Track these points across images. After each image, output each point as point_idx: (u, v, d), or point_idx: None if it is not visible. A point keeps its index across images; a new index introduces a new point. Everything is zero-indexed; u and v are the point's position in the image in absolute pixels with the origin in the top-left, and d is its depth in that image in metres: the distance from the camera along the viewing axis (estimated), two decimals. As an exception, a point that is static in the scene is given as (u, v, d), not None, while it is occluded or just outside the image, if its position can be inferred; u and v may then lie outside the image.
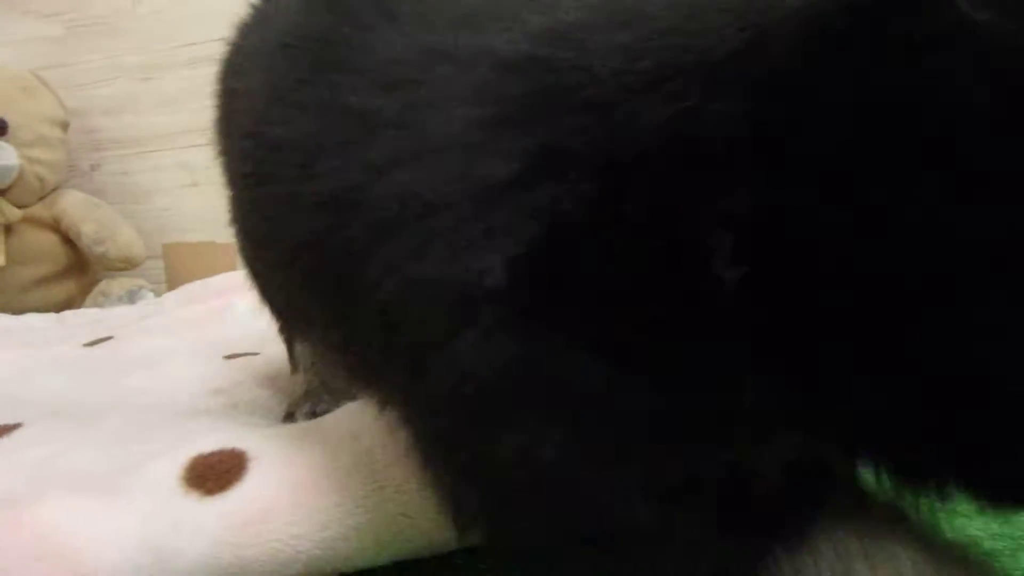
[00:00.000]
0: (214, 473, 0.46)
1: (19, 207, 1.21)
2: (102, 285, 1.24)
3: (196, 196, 1.42)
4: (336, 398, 0.62)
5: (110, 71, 1.42)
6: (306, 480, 0.47)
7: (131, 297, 1.20)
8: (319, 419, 0.60)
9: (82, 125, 1.43)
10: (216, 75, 0.56)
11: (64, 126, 1.30)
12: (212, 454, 0.48)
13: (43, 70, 1.36)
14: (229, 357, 0.83)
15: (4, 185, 1.19)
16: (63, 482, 0.48)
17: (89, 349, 0.95)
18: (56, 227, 1.25)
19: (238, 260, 0.96)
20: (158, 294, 1.23)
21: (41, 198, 1.25)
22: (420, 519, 0.47)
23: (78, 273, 1.29)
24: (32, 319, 1.08)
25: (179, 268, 1.44)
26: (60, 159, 1.29)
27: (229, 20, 0.56)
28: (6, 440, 0.57)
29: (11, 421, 0.61)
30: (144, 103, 1.42)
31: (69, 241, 1.27)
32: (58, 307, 1.23)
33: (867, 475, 0.27)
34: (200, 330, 0.94)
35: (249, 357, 0.83)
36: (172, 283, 1.40)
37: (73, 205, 1.26)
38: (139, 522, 0.44)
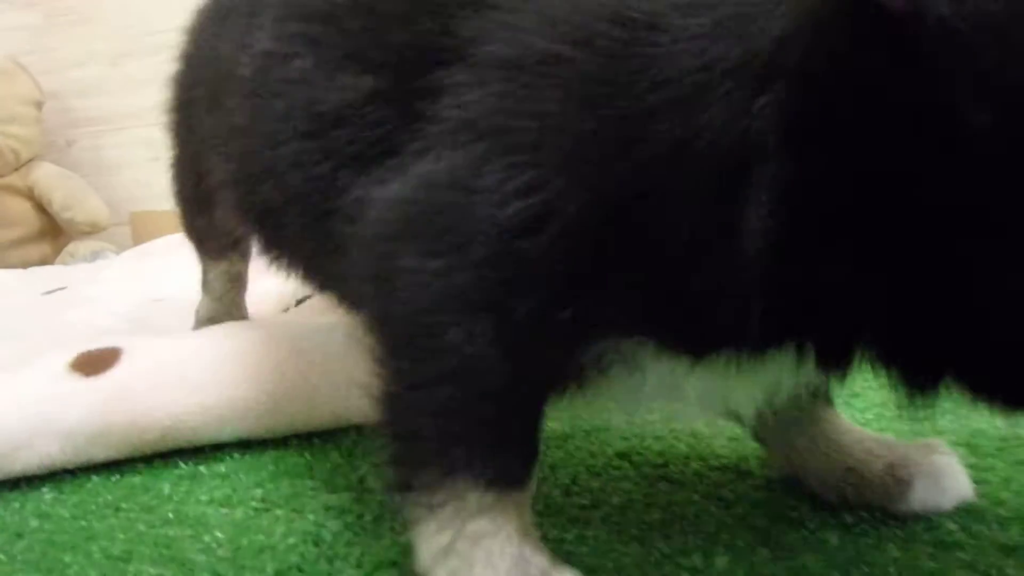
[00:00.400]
0: (93, 362, 0.61)
1: (-6, 177, 1.36)
2: (70, 247, 1.39)
3: (160, 170, 1.57)
4: None
5: (84, 56, 1.57)
6: (166, 370, 0.61)
7: (93, 257, 1.34)
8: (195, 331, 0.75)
9: (59, 106, 1.58)
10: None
11: (39, 105, 1.45)
12: (96, 351, 0.63)
13: (23, 56, 1.50)
14: (156, 300, 0.98)
15: (-20, 157, 1.34)
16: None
17: (46, 296, 1.10)
18: (30, 195, 1.40)
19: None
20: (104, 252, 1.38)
21: (16, 169, 1.40)
22: (268, 401, 0.61)
23: (51, 237, 1.45)
24: (1, 274, 1.23)
25: (144, 234, 1.59)
26: (34, 135, 1.44)
27: (190, 10, 0.65)
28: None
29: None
30: (114, 85, 1.57)
31: (42, 208, 1.42)
32: (33, 266, 1.38)
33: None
34: (142, 282, 1.09)
35: (177, 300, 0.98)
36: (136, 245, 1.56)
37: (46, 175, 1.41)
38: (33, 395, 0.59)
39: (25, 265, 1.38)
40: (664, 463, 0.54)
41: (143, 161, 1.60)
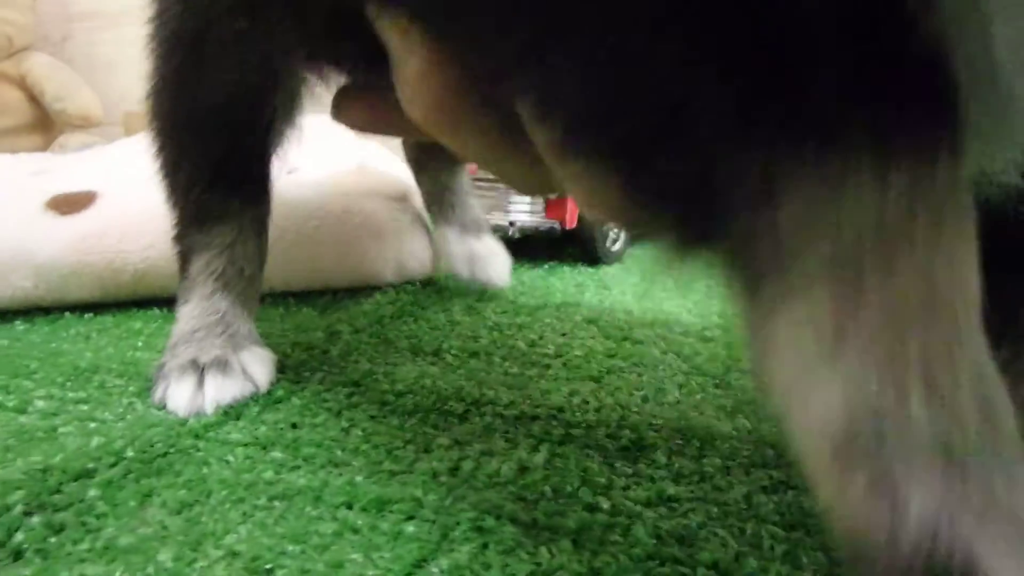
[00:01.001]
0: (69, 202, 0.61)
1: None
2: (61, 138, 1.38)
3: (155, 70, 1.56)
4: (234, 343, 0.45)
5: (82, -53, 1.54)
6: (139, 212, 0.61)
7: (83, 149, 1.33)
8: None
9: (55, -2, 1.56)
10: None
11: (34, -7, 1.43)
12: (73, 193, 0.63)
13: (21, -58, 1.47)
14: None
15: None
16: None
17: (32, 176, 1.10)
18: (22, 84, 1.39)
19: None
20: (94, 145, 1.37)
21: (10, 56, 1.38)
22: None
23: (42, 128, 1.43)
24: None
25: (136, 133, 1.58)
26: (28, 22, 1.41)
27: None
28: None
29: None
30: (111, -21, 1.54)
31: (34, 98, 1.40)
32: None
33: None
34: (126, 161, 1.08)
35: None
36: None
37: (39, 64, 1.39)
38: (11, 229, 0.59)
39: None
40: (629, 327, 0.55)
41: (139, 62, 1.57)
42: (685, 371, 0.47)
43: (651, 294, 0.64)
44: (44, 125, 1.44)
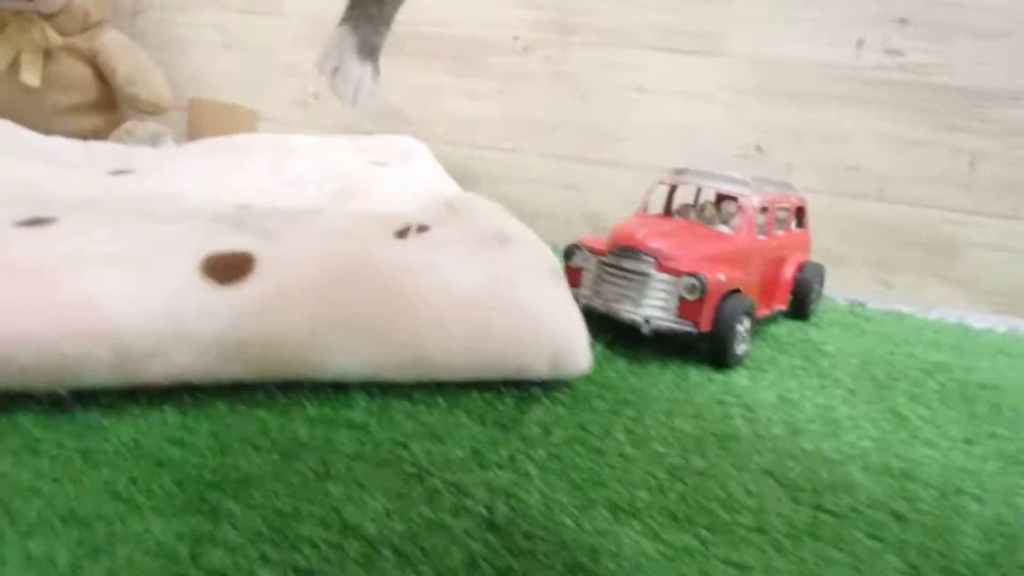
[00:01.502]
0: (226, 267, 0.57)
1: (61, 35, 1.28)
2: (128, 124, 1.32)
3: (228, 58, 1.50)
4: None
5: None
6: (303, 280, 0.57)
7: (153, 140, 1.28)
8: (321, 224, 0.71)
9: (130, -31, 1.49)
10: None
11: (113, -35, 1.37)
12: (227, 254, 0.59)
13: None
14: (242, 207, 0.93)
15: (51, 11, 1.26)
16: (98, 260, 0.57)
17: (113, 177, 1.05)
18: (92, 60, 1.33)
19: (259, 125, 1.02)
20: (178, 143, 1.32)
21: (83, 30, 1.32)
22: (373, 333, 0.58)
23: (107, 109, 1.38)
24: (58, 142, 1.16)
25: (201, 123, 1.52)
26: (106, -3, 1.36)
27: None
28: (42, 229, 0.64)
29: (46, 215, 0.70)
30: (193, -41, 1.48)
31: (102, 77, 1.35)
32: (83, 136, 1.32)
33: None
34: (219, 178, 1.04)
35: (261, 208, 0.93)
36: (192, 136, 1.49)
37: (113, 42, 1.33)
38: (165, 297, 0.55)
39: (76, 135, 1.31)
40: (814, 489, 0.52)
41: (212, 46, 1.52)
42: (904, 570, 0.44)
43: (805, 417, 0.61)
44: (109, 105, 1.38)
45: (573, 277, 0.81)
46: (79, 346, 0.51)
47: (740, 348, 0.77)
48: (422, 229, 0.84)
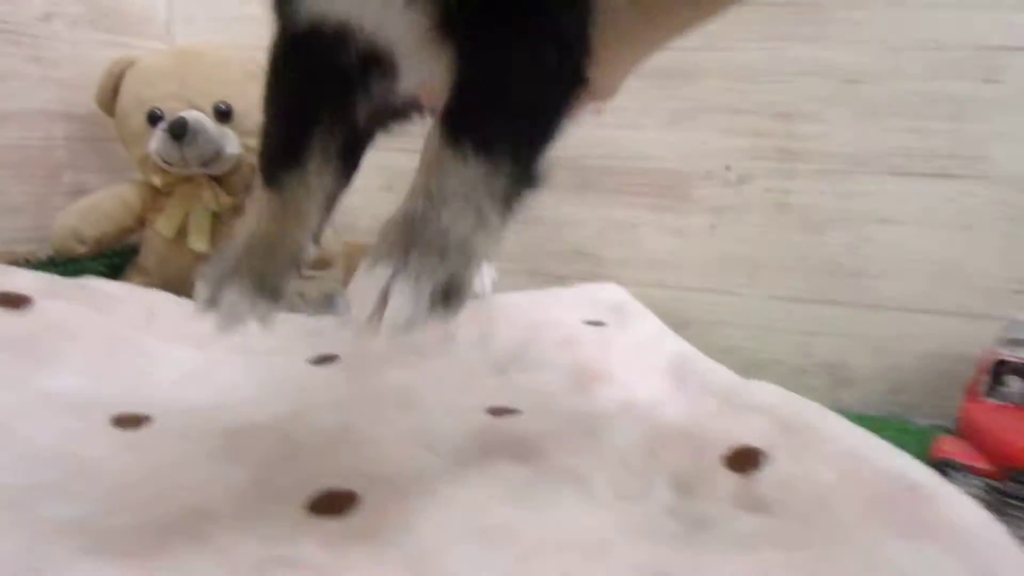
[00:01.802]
0: None
1: (230, 195, 1.20)
2: (298, 285, 1.22)
3: (389, 200, 1.40)
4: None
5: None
6: None
7: (328, 303, 1.17)
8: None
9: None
10: None
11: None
12: None
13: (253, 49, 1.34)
14: (494, 413, 0.79)
15: (222, 172, 1.18)
16: None
17: (316, 368, 0.92)
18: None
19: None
20: (346, 303, 1.20)
21: (248, 187, 1.24)
22: None
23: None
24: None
25: (356, 267, 1.41)
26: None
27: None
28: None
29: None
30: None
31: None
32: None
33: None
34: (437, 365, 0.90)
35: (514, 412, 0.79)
36: (347, 282, 1.38)
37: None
38: None
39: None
40: None
41: (370, 188, 1.42)
42: None
43: None
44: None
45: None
46: None
47: None
48: (757, 461, 0.69)
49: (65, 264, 1.25)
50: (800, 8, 1.05)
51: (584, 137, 1.17)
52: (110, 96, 1.21)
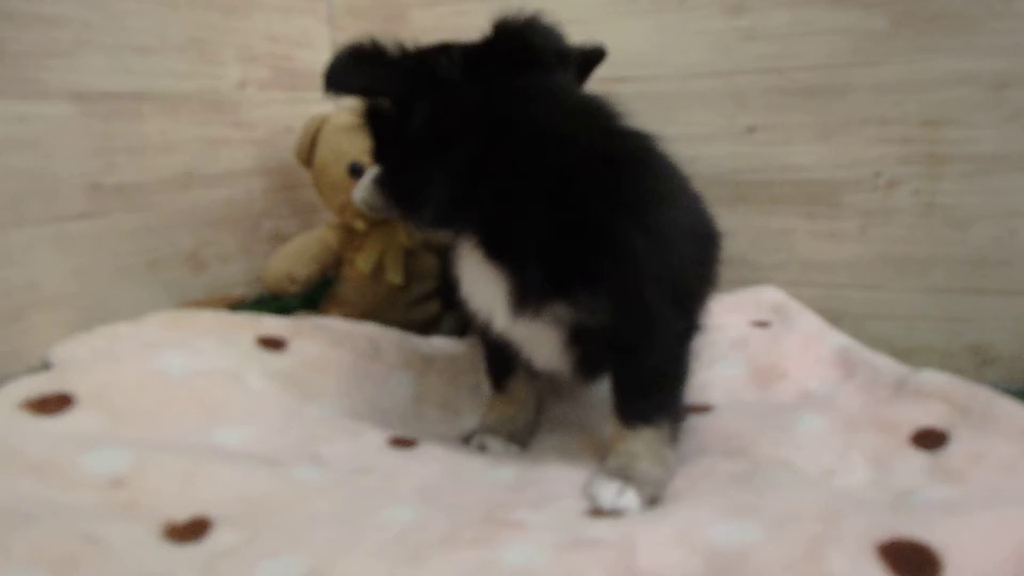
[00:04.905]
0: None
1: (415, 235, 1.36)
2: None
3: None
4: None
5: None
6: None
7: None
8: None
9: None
10: None
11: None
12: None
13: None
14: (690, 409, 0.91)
15: (410, 214, 1.35)
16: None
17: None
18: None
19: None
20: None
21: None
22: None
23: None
24: (442, 343, 1.22)
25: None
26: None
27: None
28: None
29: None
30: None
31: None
32: (427, 321, 1.39)
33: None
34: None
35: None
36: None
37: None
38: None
39: (425, 319, 1.38)
40: None
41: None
42: None
43: None
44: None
45: None
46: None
47: None
48: (943, 440, 0.79)
49: (270, 302, 1.44)
50: (949, 20, 1.14)
51: (738, 154, 1.30)
52: (308, 150, 1.37)
